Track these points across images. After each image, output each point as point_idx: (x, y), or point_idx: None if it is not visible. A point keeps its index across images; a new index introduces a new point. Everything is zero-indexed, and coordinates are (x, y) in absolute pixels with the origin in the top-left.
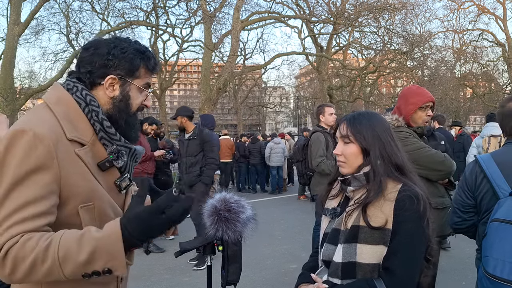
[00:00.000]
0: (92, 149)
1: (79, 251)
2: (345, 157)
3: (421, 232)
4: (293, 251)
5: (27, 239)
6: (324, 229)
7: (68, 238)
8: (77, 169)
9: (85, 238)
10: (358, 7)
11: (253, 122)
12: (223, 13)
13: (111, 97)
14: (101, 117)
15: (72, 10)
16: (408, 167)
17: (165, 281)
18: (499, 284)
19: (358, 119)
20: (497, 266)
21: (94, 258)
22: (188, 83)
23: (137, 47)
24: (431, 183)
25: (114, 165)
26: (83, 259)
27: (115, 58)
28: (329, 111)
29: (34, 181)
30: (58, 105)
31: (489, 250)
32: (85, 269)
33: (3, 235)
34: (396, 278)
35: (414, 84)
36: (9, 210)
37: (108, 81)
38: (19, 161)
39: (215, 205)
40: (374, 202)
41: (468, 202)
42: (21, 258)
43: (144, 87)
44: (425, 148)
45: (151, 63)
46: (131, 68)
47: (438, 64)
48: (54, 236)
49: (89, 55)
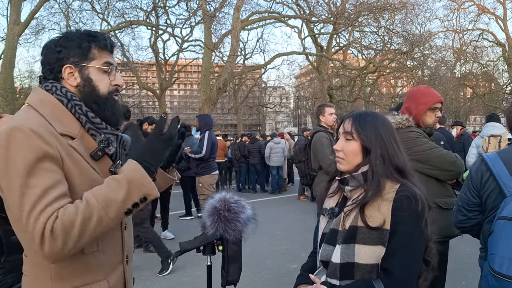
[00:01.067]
0: (83, 142)
1: (116, 193)
2: (344, 154)
3: (419, 232)
4: (293, 251)
5: (64, 209)
6: (322, 229)
7: (99, 190)
8: (73, 160)
9: (114, 181)
10: (358, 7)
11: (253, 122)
12: (223, 13)
13: (75, 85)
14: (84, 109)
15: (72, 10)
16: (409, 170)
17: (165, 281)
18: (505, 282)
19: (364, 117)
20: (503, 263)
21: (131, 192)
22: (188, 83)
23: (83, 31)
24: (441, 183)
25: (106, 153)
26: (122, 197)
27: (64, 48)
28: (329, 111)
29: (45, 169)
30: (42, 105)
31: (495, 247)
32: (126, 205)
33: (39, 218)
34: (394, 278)
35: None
36: (35, 197)
37: (66, 71)
38: (24, 153)
39: (215, 205)
40: (372, 202)
41: (473, 201)
42: (70, 224)
43: (104, 66)
44: (437, 148)
45: (100, 41)
46: (81, 51)
47: (438, 64)
48: (85, 196)
49: (44, 56)
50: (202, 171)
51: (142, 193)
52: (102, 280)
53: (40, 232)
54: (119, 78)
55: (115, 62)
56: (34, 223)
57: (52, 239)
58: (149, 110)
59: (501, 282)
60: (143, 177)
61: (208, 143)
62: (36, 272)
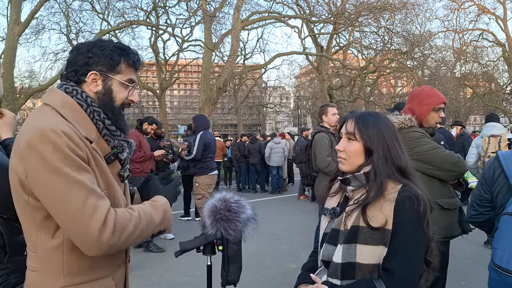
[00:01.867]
0: (98, 145)
1: (156, 216)
2: (346, 154)
3: (421, 233)
4: (293, 250)
5: (121, 211)
6: (323, 229)
7: (145, 207)
8: (96, 161)
9: (155, 206)
10: (358, 7)
11: (253, 122)
12: (223, 12)
13: (95, 92)
14: (102, 117)
15: (72, 9)
16: (411, 170)
17: (165, 281)
18: (505, 276)
19: (366, 118)
20: (503, 257)
21: (163, 222)
22: (188, 82)
23: (117, 44)
24: (443, 184)
25: (118, 157)
26: (158, 221)
27: (95, 55)
28: (332, 111)
29: (84, 168)
30: (64, 108)
31: (498, 241)
32: (156, 229)
33: (97, 211)
34: (395, 279)
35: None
36: (86, 191)
37: (91, 77)
38: (63, 154)
39: (215, 205)
40: (374, 202)
41: (485, 196)
42: (125, 226)
43: (127, 82)
44: (439, 148)
45: (130, 58)
46: (111, 63)
47: (438, 64)
48: (135, 207)
49: (73, 56)
50: (200, 171)
51: (165, 226)
52: (109, 276)
53: (101, 222)
54: (135, 95)
55: (136, 80)
56: (93, 213)
57: (113, 232)
58: (149, 110)
59: (501, 276)
60: (170, 214)
61: (200, 144)
62: (48, 268)
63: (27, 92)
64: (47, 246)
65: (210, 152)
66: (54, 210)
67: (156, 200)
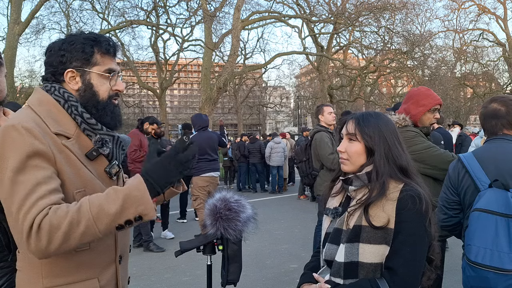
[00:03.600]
0: (78, 141)
1: (110, 205)
2: (348, 155)
3: (423, 231)
4: (293, 250)
5: (56, 208)
6: (326, 228)
7: (96, 197)
8: (66, 158)
9: (113, 193)
10: (359, 7)
11: (254, 121)
12: (224, 12)
13: (76, 89)
14: (80, 110)
15: (72, 9)
16: (412, 169)
17: (165, 280)
18: (481, 271)
19: (366, 118)
20: (478, 253)
21: (125, 208)
22: (188, 82)
23: (87, 35)
24: (438, 183)
25: (101, 153)
26: (115, 211)
27: (67, 52)
28: (328, 110)
29: (36, 165)
30: (40, 105)
31: (471, 238)
32: (118, 220)
33: (29, 212)
34: (398, 277)
35: (422, 86)
36: (26, 190)
37: (68, 75)
38: (16, 150)
39: (216, 205)
40: (376, 201)
41: (452, 199)
42: (56, 225)
43: (106, 72)
44: (434, 147)
45: (103, 46)
46: (84, 56)
47: (439, 64)
48: (81, 200)
49: (47, 58)
50: (194, 172)
51: (138, 211)
52: (93, 278)
53: (29, 226)
54: (120, 83)
55: (117, 67)
56: (24, 217)
57: (37, 236)
58: (149, 109)
59: (477, 271)
60: (143, 195)
61: None
62: (29, 268)
63: (27, 92)
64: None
65: (203, 154)
66: (6, 213)
67: (126, 182)
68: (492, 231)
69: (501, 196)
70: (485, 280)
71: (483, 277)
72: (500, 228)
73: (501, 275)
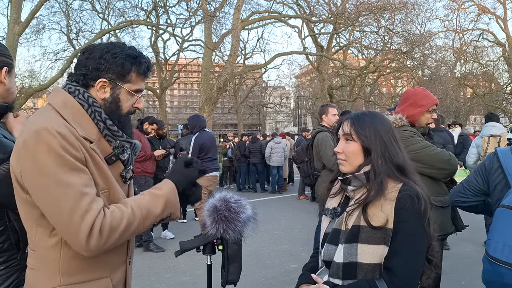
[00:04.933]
0: (99, 146)
1: (156, 207)
2: (345, 155)
3: (422, 231)
4: (293, 250)
5: (111, 211)
6: (324, 229)
7: (142, 200)
8: (94, 161)
9: (155, 196)
10: (359, 7)
11: (253, 121)
12: (224, 12)
13: (102, 98)
14: (104, 117)
15: (72, 9)
16: (409, 168)
17: (165, 280)
18: (498, 267)
19: (362, 118)
20: (497, 248)
21: (165, 209)
22: (188, 82)
23: (130, 52)
24: (435, 182)
25: (119, 158)
26: (159, 212)
27: (107, 62)
28: (332, 112)
29: (78, 169)
30: (65, 108)
31: (492, 233)
32: (158, 218)
33: (86, 215)
34: (397, 278)
35: (418, 86)
36: (76, 194)
37: (99, 84)
38: (56, 155)
39: (215, 205)
40: (375, 201)
41: (480, 186)
42: (116, 226)
43: (135, 91)
44: (431, 147)
45: (142, 67)
46: (121, 72)
47: (438, 64)
48: (130, 203)
49: (84, 59)
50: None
51: (171, 212)
52: (107, 277)
53: (88, 228)
54: (142, 102)
55: (144, 87)
56: (81, 219)
57: (100, 237)
58: (149, 109)
59: (494, 266)
60: (176, 199)
61: (194, 147)
62: (45, 267)
63: (28, 92)
64: (44, 244)
65: (206, 153)
66: (46, 211)
67: (159, 188)
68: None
69: None
70: (500, 275)
71: (499, 272)
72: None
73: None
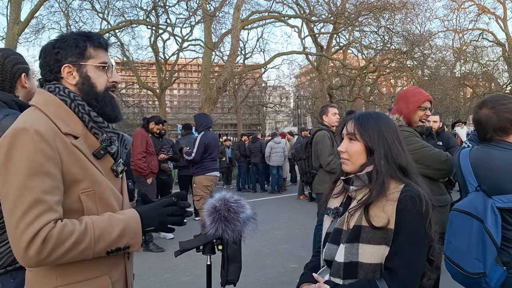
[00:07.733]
0: (86, 141)
1: (111, 231)
2: (348, 155)
3: (423, 232)
4: (292, 250)
5: (63, 225)
6: (326, 228)
7: (100, 220)
8: (75, 159)
9: (115, 219)
10: (359, 7)
11: (253, 121)
12: (223, 12)
13: (74, 84)
14: (87, 109)
15: (72, 9)
16: (412, 169)
17: (165, 280)
18: (451, 267)
19: (366, 118)
20: (449, 249)
21: (122, 236)
22: (188, 82)
23: (78, 32)
24: (433, 181)
25: (108, 151)
26: (114, 237)
27: (61, 49)
28: (332, 111)
29: (45, 173)
30: (47, 106)
31: (448, 234)
32: (112, 245)
33: (34, 222)
34: (398, 278)
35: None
36: (32, 200)
37: (65, 70)
38: (27, 155)
39: (215, 205)
40: (376, 202)
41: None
42: (62, 242)
43: (102, 64)
44: (428, 147)
45: (95, 40)
46: (78, 51)
47: (438, 64)
48: (86, 220)
49: (42, 60)
50: (197, 171)
51: (130, 242)
52: (105, 275)
53: (31, 235)
54: (116, 75)
55: (110, 60)
56: (28, 225)
57: (42, 247)
58: (149, 109)
59: (449, 267)
60: (137, 228)
61: (199, 147)
62: (40, 268)
63: None
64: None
65: (210, 153)
66: (4, 208)
67: (122, 213)
68: (466, 232)
69: (483, 201)
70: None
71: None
72: (474, 231)
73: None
